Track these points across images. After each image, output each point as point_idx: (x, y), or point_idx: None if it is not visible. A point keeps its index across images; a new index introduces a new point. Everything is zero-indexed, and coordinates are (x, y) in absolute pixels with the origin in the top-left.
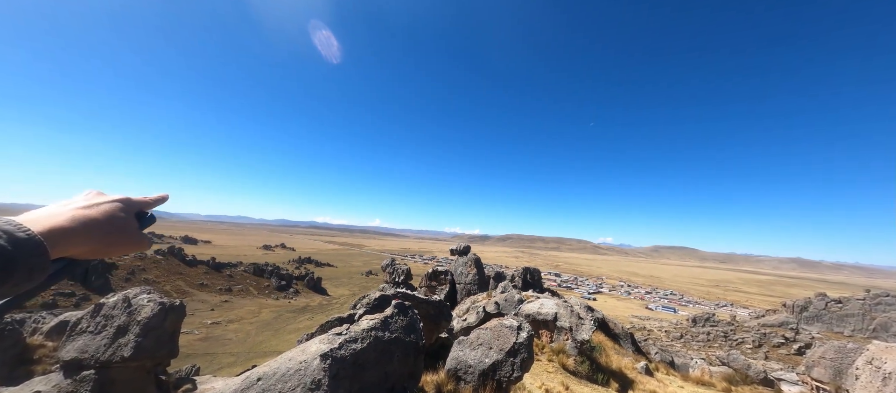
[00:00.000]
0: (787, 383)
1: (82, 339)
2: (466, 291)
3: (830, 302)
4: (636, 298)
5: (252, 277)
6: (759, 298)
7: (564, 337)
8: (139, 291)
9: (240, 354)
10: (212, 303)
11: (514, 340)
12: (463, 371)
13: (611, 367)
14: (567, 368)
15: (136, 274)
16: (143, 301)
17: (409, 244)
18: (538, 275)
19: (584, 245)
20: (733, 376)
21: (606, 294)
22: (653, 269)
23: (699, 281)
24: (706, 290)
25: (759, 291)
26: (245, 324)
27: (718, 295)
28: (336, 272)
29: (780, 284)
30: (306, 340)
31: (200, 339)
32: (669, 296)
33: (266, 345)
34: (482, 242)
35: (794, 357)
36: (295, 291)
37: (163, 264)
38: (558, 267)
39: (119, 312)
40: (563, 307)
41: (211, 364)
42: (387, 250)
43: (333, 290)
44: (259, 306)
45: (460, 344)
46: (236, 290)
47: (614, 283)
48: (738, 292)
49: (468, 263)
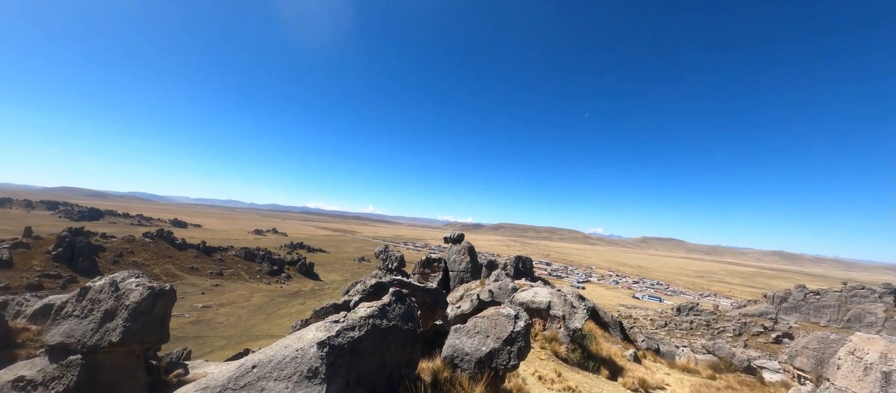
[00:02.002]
0: (770, 371)
1: (68, 323)
2: (460, 279)
3: (809, 293)
4: (624, 288)
5: (243, 262)
6: (741, 289)
7: (557, 325)
8: (127, 274)
9: (231, 337)
10: (202, 287)
11: (512, 328)
12: (459, 359)
13: (601, 354)
14: (559, 356)
15: (125, 257)
16: (132, 285)
17: (403, 231)
18: (530, 263)
19: (575, 235)
20: (718, 364)
21: (595, 283)
22: (641, 259)
23: (685, 272)
24: (691, 280)
25: (741, 282)
26: (236, 308)
27: (703, 285)
28: (328, 258)
29: (761, 275)
30: (301, 327)
31: (191, 321)
32: (656, 286)
33: (258, 329)
34: (475, 231)
35: (771, 345)
36: (287, 276)
37: (152, 247)
38: (549, 256)
39: (106, 296)
40: (556, 296)
41: (202, 347)
42: (380, 237)
43: (326, 275)
44: (250, 291)
45: (457, 332)
46: (227, 274)
47: (603, 272)
48: (721, 283)
49: (462, 250)
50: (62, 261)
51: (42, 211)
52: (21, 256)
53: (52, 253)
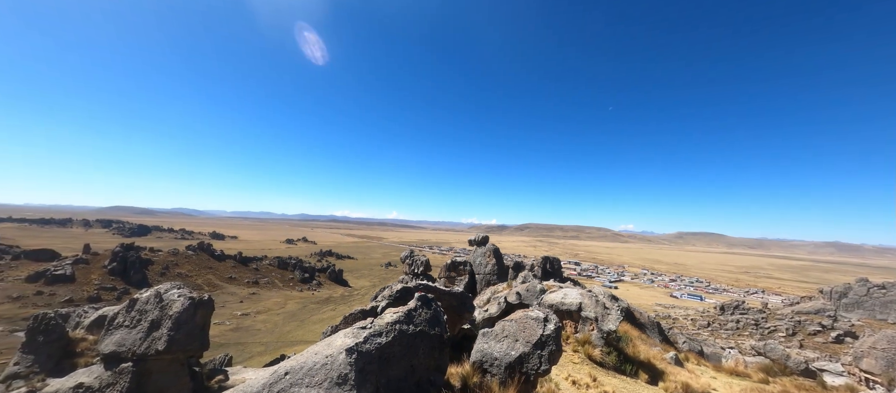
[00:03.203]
0: (831, 374)
1: (119, 332)
2: (486, 282)
3: (873, 288)
4: (660, 286)
5: (277, 270)
6: (792, 285)
7: (590, 327)
8: (170, 286)
9: (269, 343)
10: (241, 295)
11: (541, 332)
12: (488, 364)
13: (639, 357)
14: (593, 359)
15: (170, 269)
16: (174, 296)
17: (427, 235)
18: (558, 264)
19: (605, 233)
20: (771, 367)
21: (628, 282)
22: (677, 256)
23: (727, 267)
24: (734, 276)
25: (792, 277)
26: (272, 315)
27: (748, 282)
28: (356, 264)
29: (815, 269)
30: (331, 333)
31: (232, 329)
32: (695, 283)
33: (293, 335)
34: (499, 232)
35: (832, 346)
36: (318, 283)
37: (194, 259)
38: (578, 255)
39: (152, 307)
40: (587, 297)
41: (242, 353)
42: (405, 242)
43: (355, 281)
44: (285, 298)
45: (485, 336)
46: (263, 282)
47: (636, 271)
48: (769, 279)
49: (487, 253)
50: (116, 274)
51: (98, 229)
52: (81, 270)
53: (107, 267)
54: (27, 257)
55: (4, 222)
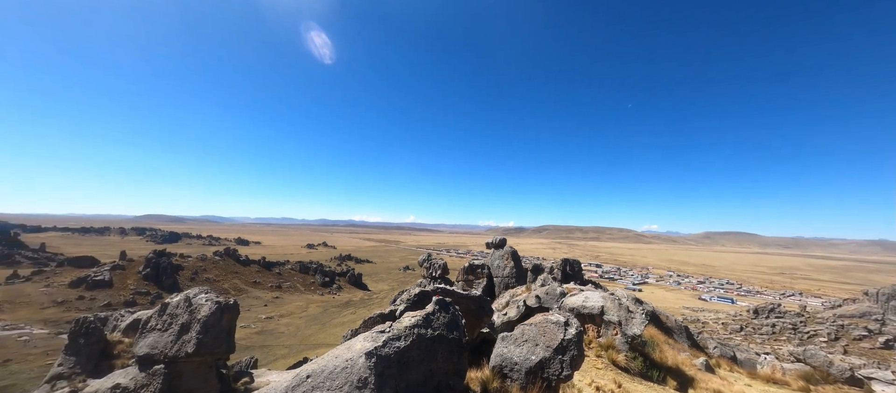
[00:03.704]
0: (881, 383)
1: (152, 336)
2: (504, 285)
3: None
4: (687, 289)
5: (299, 275)
6: (833, 286)
7: (613, 331)
8: (198, 290)
9: (292, 346)
10: (265, 299)
11: (562, 336)
12: (509, 368)
13: (666, 363)
14: (618, 365)
15: (199, 274)
16: (202, 300)
17: (444, 239)
18: (578, 266)
19: (627, 234)
20: (811, 374)
21: (653, 285)
22: (705, 257)
23: (760, 268)
24: (769, 278)
25: (833, 278)
26: (295, 318)
27: (784, 283)
28: (375, 268)
29: (858, 270)
30: (351, 337)
31: (257, 332)
32: (725, 285)
33: (315, 338)
34: (517, 235)
35: (880, 351)
36: (338, 287)
37: (221, 264)
38: (599, 257)
39: (182, 311)
40: (609, 300)
41: (267, 356)
42: (422, 246)
43: (374, 285)
44: (306, 302)
45: (504, 340)
46: (285, 286)
47: (662, 272)
48: (807, 280)
49: (505, 255)
50: (150, 279)
51: (133, 236)
52: (118, 276)
53: (142, 273)
54: (70, 264)
55: (50, 231)
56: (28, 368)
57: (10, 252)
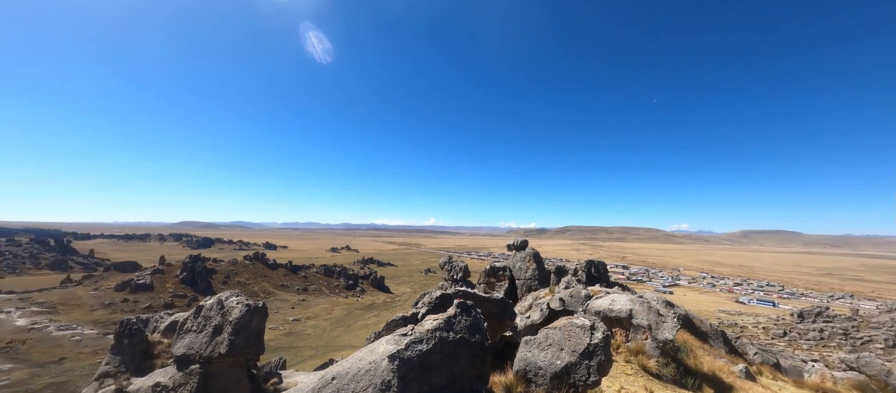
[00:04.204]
0: None
1: (188, 337)
2: (527, 288)
3: None
4: (723, 291)
5: (324, 278)
6: (889, 288)
7: (643, 336)
8: (229, 293)
9: (319, 347)
10: (292, 302)
11: (588, 340)
12: (533, 373)
13: (701, 369)
14: (649, 371)
15: (231, 277)
16: (233, 303)
17: (465, 241)
18: (604, 268)
19: (655, 234)
20: (866, 384)
21: (685, 287)
22: (742, 257)
23: (804, 269)
24: (815, 279)
25: (889, 279)
26: (321, 320)
27: (832, 285)
28: (397, 271)
29: None
30: (374, 340)
31: (285, 334)
32: (766, 287)
33: (340, 340)
34: (539, 236)
35: None
36: (361, 290)
37: (251, 268)
38: (625, 259)
39: (214, 314)
40: (638, 303)
41: (295, 357)
42: (443, 248)
43: (396, 287)
44: (331, 304)
45: (527, 344)
46: (311, 289)
47: (694, 274)
48: (859, 281)
49: (527, 257)
50: (187, 283)
51: (171, 242)
52: (158, 280)
53: (179, 277)
54: (115, 269)
55: (97, 239)
56: (80, 366)
57: (63, 258)
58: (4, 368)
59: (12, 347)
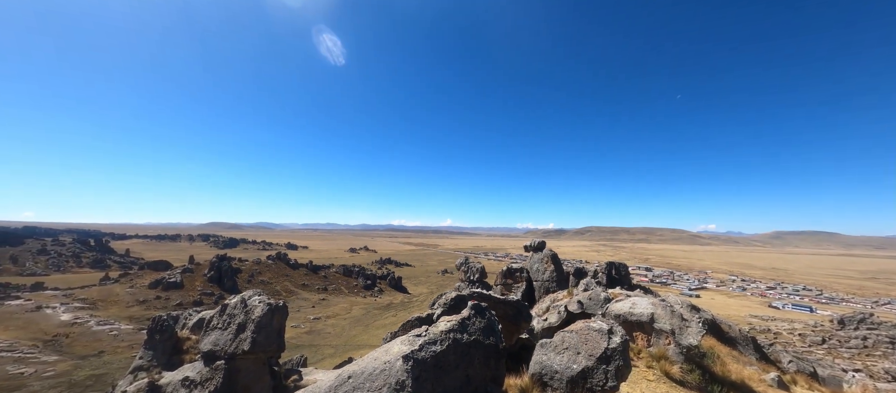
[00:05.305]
0: None
1: (214, 334)
2: (544, 289)
3: None
4: (755, 295)
5: (343, 278)
6: None
7: (665, 341)
8: (252, 292)
9: (338, 346)
10: (312, 301)
11: (606, 345)
12: (549, 377)
13: (729, 377)
14: (672, 377)
15: (255, 277)
16: (256, 302)
17: (481, 242)
18: (625, 270)
19: (680, 235)
20: None
21: (713, 290)
22: (775, 259)
23: (845, 272)
24: (857, 283)
25: None
26: (340, 319)
27: (876, 290)
28: (414, 272)
29: None
30: (390, 340)
31: (306, 332)
32: (802, 291)
33: (358, 339)
34: (558, 237)
35: None
36: (379, 290)
37: (273, 268)
38: (648, 260)
39: (238, 312)
40: (660, 307)
41: (315, 355)
42: (460, 249)
43: (413, 288)
44: (350, 304)
45: (543, 347)
46: (331, 289)
47: (723, 277)
48: None
49: (544, 259)
50: (214, 282)
51: (199, 242)
52: (188, 278)
53: (207, 275)
54: (149, 268)
55: (132, 239)
56: (117, 359)
57: (102, 257)
58: (50, 359)
59: (57, 340)
